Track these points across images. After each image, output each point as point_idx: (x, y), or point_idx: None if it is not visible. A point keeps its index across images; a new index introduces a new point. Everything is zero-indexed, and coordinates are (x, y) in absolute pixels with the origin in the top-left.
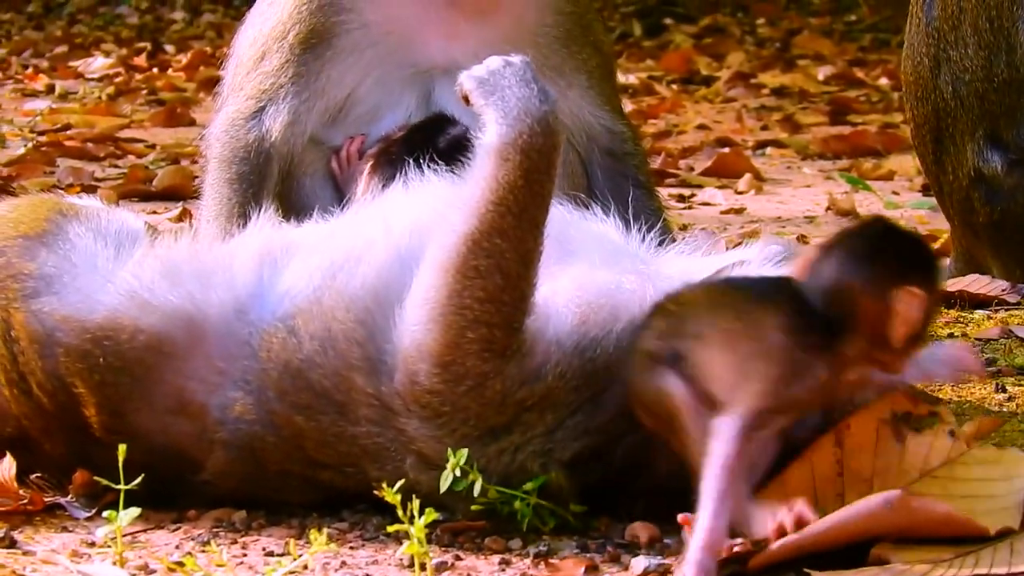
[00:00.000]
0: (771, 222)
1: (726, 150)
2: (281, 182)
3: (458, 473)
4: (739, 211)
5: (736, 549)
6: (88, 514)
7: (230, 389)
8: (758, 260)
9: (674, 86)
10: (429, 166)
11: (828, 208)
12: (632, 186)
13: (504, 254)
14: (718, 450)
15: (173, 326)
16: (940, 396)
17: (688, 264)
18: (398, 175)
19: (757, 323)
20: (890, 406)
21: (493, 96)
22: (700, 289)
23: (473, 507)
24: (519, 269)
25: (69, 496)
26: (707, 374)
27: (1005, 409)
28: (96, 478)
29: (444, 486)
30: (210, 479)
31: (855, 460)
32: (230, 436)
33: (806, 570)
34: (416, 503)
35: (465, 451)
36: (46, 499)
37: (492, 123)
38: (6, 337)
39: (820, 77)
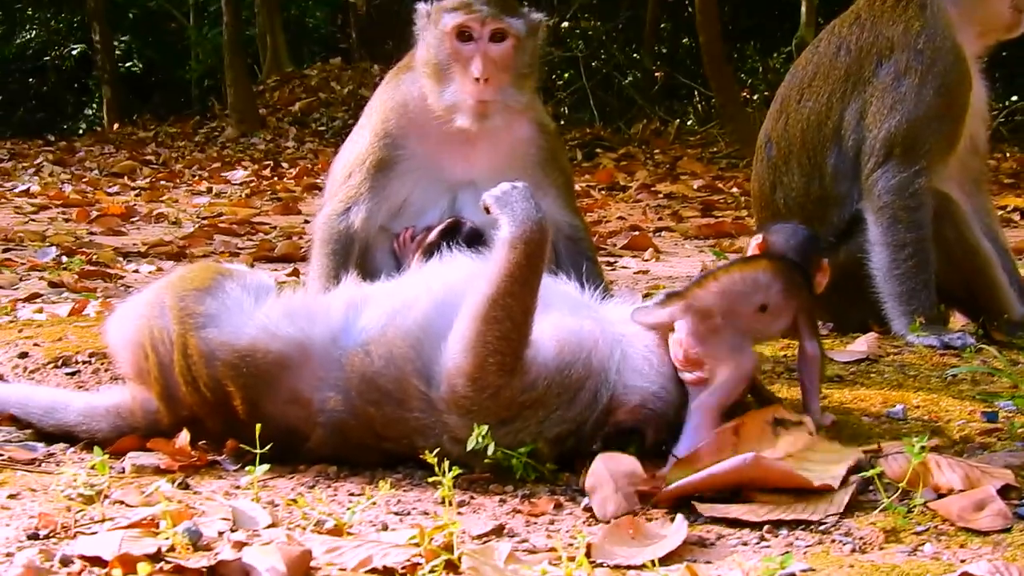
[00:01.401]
0: (665, 279)
1: (636, 233)
2: (361, 256)
3: (480, 440)
4: (645, 272)
5: (644, 488)
6: (236, 468)
7: (327, 390)
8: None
9: (602, 192)
10: (455, 249)
11: (702, 271)
12: (585, 260)
13: (513, 308)
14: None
15: (290, 349)
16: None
17: (622, 310)
18: (436, 254)
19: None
20: (773, 413)
21: (506, 208)
22: None
23: (485, 461)
24: (522, 317)
25: (223, 456)
26: None
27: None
28: (241, 445)
29: (470, 447)
30: (313, 447)
31: (745, 443)
32: (326, 420)
33: (694, 503)
34: (447, 463)
35: (485, 427)
36: (208, 458)
37: (505, 225)
38: (184, 353)
39: (695, 186)
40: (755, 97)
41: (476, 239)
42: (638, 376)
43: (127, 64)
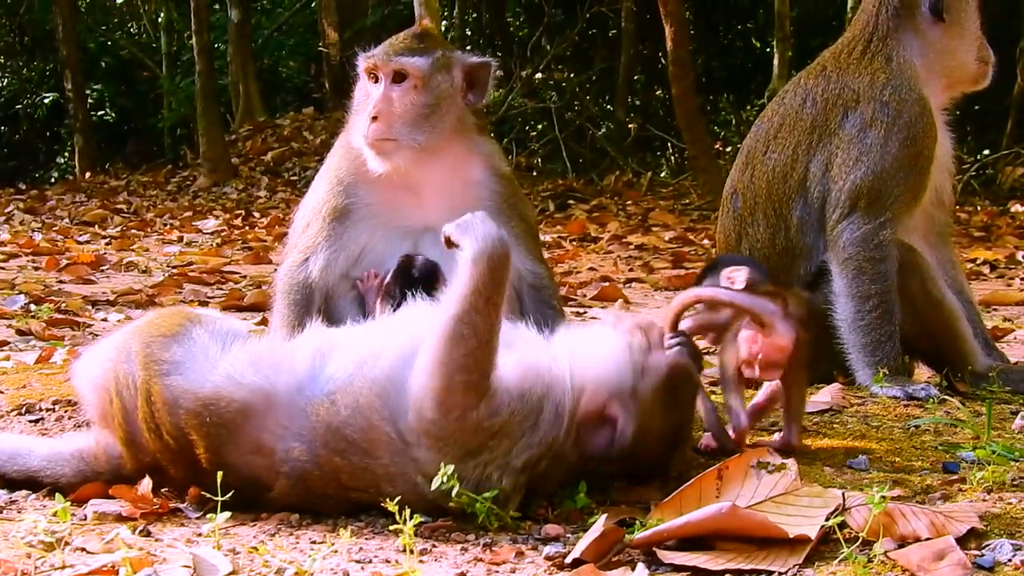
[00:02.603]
0: None
1: (607, 284)
2: (324, 303)
3: (444, 480)
4: None
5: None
6: (198, 515)
7: (291, 440)
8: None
9: (574, 243)
10: (415, 294)
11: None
12: (548, 308)
13: (478, 325)
14: None
15: (255, 397)
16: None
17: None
18: (395, 298)
19: None
20: (756, 456)
21: (467, 232)
22: None
23: (451, 504)
24: (487, 335)
25: (185, 503)
26: None
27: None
28: (203, 493)
29: (434, 486)
30: (276, 496)
31: (728, 487)
32: (290, 470)
33: (655, 549)
34: (407, 512)
35: (452, 467)
36: (171, 505)
37: (467, 245)
38: (148, 400)
39: (666, 238)
40: (728, 149)
41: (432, 274)
42: (594, 370)
43: (100, 113)
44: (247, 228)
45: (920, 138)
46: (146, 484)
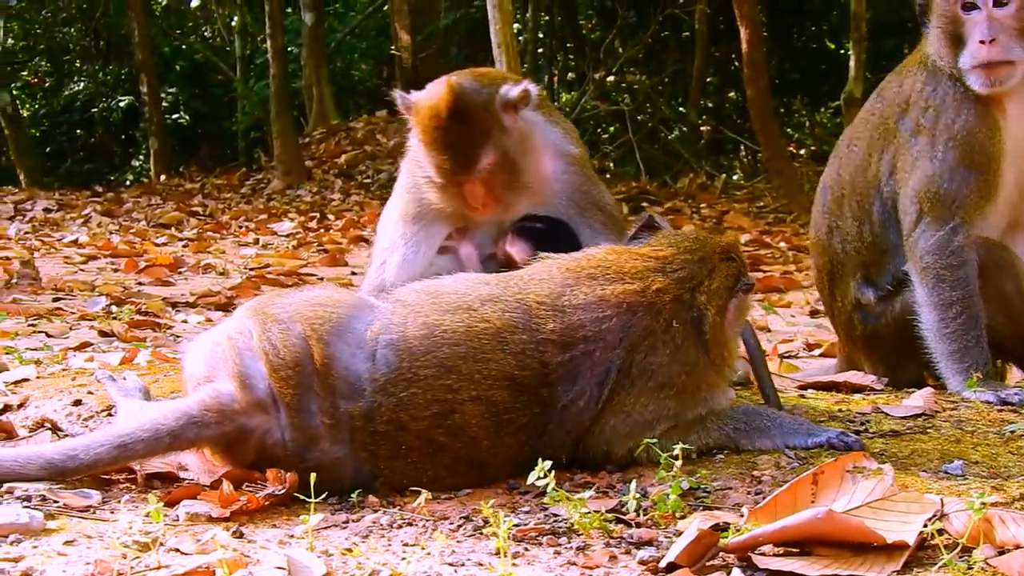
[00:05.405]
0: None
1: None
2: None
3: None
4: None
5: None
6: (281, 491)
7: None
8: None
9: None
10: None
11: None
12: None
13: None
14: None
15: (359, 303)
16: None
17: None
18: None
19: None
20: (852, 460)
21: None
22: None
23: (545, 500)
24: None
25: (268, 487)
26: None
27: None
28: (283, 474)
29: (531, 480)
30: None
31: (824, 492)
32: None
33: (750, 555)
34: (501, 515)
35: (548, 463)
36: (259, 499)
37: None
38: (264, 328)
39: (742, 241)
40: (802, 152)
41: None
42: None
43: (174, 116)
44: (322, 231)
45: (968, 137)
46: (227, 486)
